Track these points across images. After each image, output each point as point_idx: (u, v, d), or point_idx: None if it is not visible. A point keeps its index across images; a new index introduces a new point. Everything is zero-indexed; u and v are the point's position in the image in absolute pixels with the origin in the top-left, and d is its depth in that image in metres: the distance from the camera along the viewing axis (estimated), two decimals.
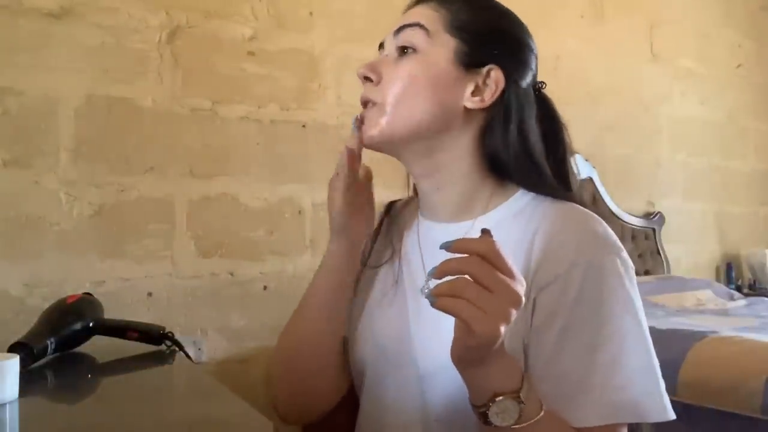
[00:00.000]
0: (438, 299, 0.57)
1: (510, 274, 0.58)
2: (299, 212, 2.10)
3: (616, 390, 0.66)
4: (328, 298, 0.83)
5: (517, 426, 0.63)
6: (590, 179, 2.92)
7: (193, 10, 1.95)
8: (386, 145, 0.79)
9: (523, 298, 0.59)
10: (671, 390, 1.76)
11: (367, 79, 0.78)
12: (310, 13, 2.17)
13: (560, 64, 2.90)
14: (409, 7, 0.82)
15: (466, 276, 0.57)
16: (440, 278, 0.58)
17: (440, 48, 0.76)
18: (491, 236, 0.60)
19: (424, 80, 0.75)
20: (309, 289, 0.85)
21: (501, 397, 0.62)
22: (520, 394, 0.62)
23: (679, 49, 3.46)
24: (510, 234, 0.74)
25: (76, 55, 1.76)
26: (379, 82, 0.77)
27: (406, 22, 0.77)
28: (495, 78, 0.77)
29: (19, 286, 1.64)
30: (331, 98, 2.18)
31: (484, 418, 0.63)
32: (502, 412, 0.62)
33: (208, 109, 1.96)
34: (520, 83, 0.79)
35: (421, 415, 0.76)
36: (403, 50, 0.77)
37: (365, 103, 0.78)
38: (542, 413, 0.64)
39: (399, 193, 0.93)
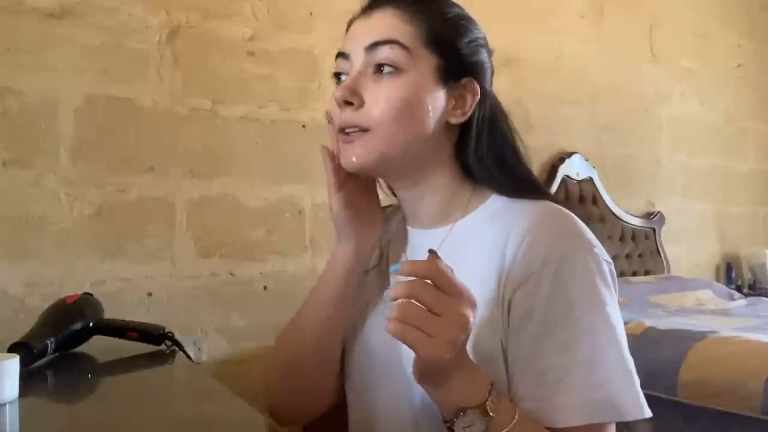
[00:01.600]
0: (390, 323, 0.59)
1: (457, 294, 0.60)
2: (299, 212, 2.10)
3: (595, 388, 0.66)
4: (331, 307, 0.81)
5: None
6: (590, 179, 2.92)
7: (193, 10, 1.95)
8: (375, 171, 0.79)
9: (471, 318, 0.60)
10: (671, 390, 1.78)
11: (347, 103, 0.74)
12: (310, 13, 2.17)
13: (560, 64, 2.90)
14: (366, 10, 0.78)
15: (413, 301, 0.59)
16: (394, 301, 0.60)
17: (421, 66, 0.74)
18: (438, 257, 0.61)
19: (411, 103, 0.73)
20: (312, 296, 0.83)
21: (466, 411, 0.62)
22: (486, 406, 0.62)
23: (679, 49, 3.46)
24: (486, 236, 0.75)
25: (76, 55, 1.76)
26: (361, 106, 0.74)
27: (379, 38, 0.73)
28: (472, 89, 0.77)
29: (19, 286, 1.64)
30: (331, 98, 2.17)
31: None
32: (468, 426, 0.63)
33: (208, 109, 1.96)
34: (490, 88, 0.79)
35: (411, 421, 0.76)
36: (380, 68, 0.73)
37: (350, 128, 0.75)
38: (515, 421, 0.64)
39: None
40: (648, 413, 0.68)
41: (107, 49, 1.80)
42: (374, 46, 0.74)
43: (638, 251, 3.09)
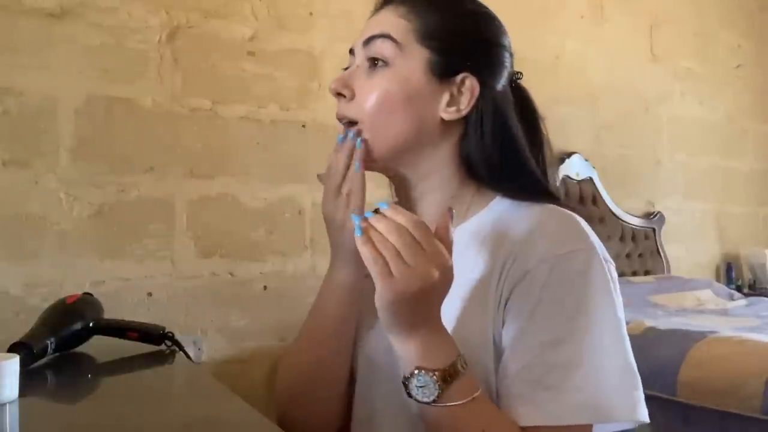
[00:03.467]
0: (361, 239, 0.61)
1: (432, 252, 0.61)
2: (299, 212, 2.10)
3: (571, 391, 0.64)
4: (333, 331, 0.78)
5: (439, 405, 0.63)
6: (590, 179, 2.92)
7: (193, 10, 1.95)
8: (371, 165, 0.77)
9: (436, 278, 0.60)
10: (671, 390, 1.78)
11: (339, 94, 0.76)
12: (310, 13, 2.17)
13: (560, 64, 2.90)
14: (377, 9, 0.79)
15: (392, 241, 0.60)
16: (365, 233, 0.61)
17: (412, 60, 0.74)
18: (451, 216, 0.64)
19: (398, 96, 0.73)
20: (313, 319, 0.80)
21: (422, 372, 0.63)
22: (446, 373, 0.62)
23: (679, 49, 3.46)
24: (487, 240, 0.74)
25: (76, 55, 1.76)
26: (352, 98, 0.75)
27: (374, 33, 0.75)
28: (469, 86, 0.75)
29: (19, 286, 1.64)
30: (331, 98, 2.14)
31: (407, 390, 0.64)
32: (422, 387, 0.63)
33: (208, 109, 1.96)
34: (495, 86, 0.77)
35: (410, 425, 0.74)
36: (374, 62, 0.75)
37: (342, 119, 0.77)
38: (471, 398, 0.63)
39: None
40: (644, 418, 0.66)
41: (107, 49, 1.80)
42: (369, 40, 0.75)
43: (638, 251, 3.09)
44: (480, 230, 0.76)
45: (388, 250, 0.60)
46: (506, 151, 0.76)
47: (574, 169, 2.86)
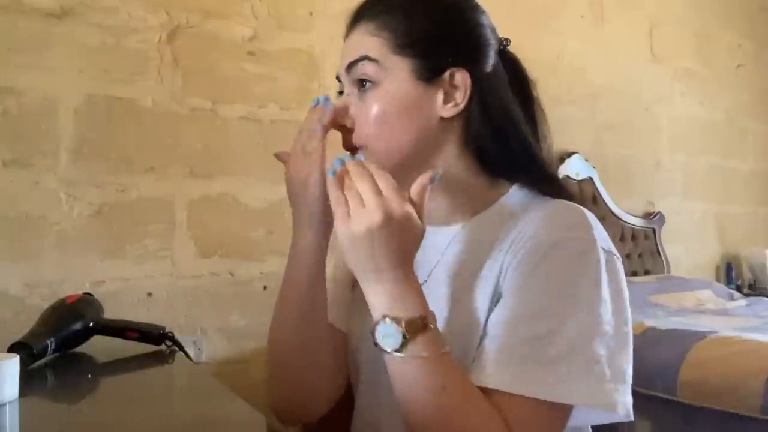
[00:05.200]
0: (334, 181, 0.66)
1: (389, 196, 0.64)
2: None
3: (536, 364, 0.64)
4: (308, 294, 0.78)
5: (401, 355, 0.64)
6: (590, 179, 2.92)
7: (193, 10, 1.95)
8: None
9: (378, 217, 0.63)
10: (671, 390, 1.78)
11: (342, 127, 0.77)
12: (310, 13, 2.17)
13: (560, 65, 2.90)
14: (348, 30, 0.78)
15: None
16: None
17: (396, 73, 0.74)
18: (432, 177, 0.68)
19: (393, 112, 0.74)
20: (285, 292, 0.80)
21: (387, 320, 0.64)
22: (411, 325, 0.63)
23: (679, 49, 3.46)
24: (497, 234, 0.74)
25: (76, 55, 1.76)
26: (353, 126, 0.76)
27: (352, 59, 0.75)
28: (460, 79, 0.75)
29: (19, 286, 1.64)
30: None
31: (374, 340, 0.65)
32: (385, 336, 0.64)
33: (208, 109, 1.96)
34: (484, 69, 0.76)
35: None
36: (362, 83, 0.75)
37: (352, 150, 0.76)
38: (434, 354, 0.64)
39: None
40: (619, 409, 0.64)
41: (107, 49, 1.80)
42: (350, 66, 0.76)
43: (638, 251, 3.09)
44: (491, 224, 0.75)
45: (351, 193, 0.65)
46: (508, 134, 0.76)
47: (574, 169, 2.86)
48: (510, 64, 0.82)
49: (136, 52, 1.84)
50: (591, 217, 0.72)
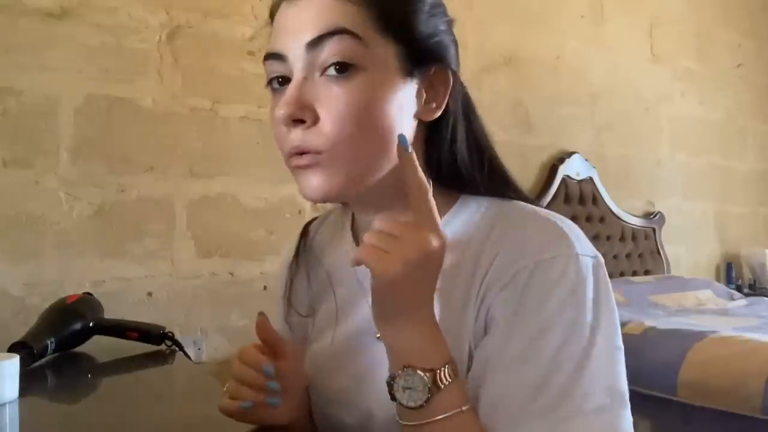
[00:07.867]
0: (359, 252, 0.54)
1: (420, 221, 0.54)
2: (299, 212, 2.09)
3: (532, 416, 0.54)
4: None
5: (422, 421, 0.53)
6: (590, 179, 2.92)
7: (193, 10, 1.95)
8: (339, 200, 0.68)
9: (435, 244, 0.53)
10: (671, 390, 1.78)
11: (298, 120, 0.58)
12: None
13: (560, 64, 2.90)
14: None
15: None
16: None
17: (380, 58, 0.58)
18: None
19: (375, 110, 0.58)
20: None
21: (412, 370, 0.53)
22: (437, 376, 0.53)
23: (679, 49, 3.46)
24: (463, 244, 0.64)
25: (76, 55, 1.76)
26: (314, 123, 0.58)
27: (325, 30, 0.57)
28: (443, 78, 0.63)
29: (19, 286, 1.64)
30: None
31: (391, 391, 0.55)
32: (409, 388, 0.53)
33: (208, 109, 1.96)
34: (457, 69, 0.65)
35: None
36: (342, 67, 0.57)
37: (301, 153, 0.59)
38: (460, 410, 0.54)
39: None
40: None
41: (107, 49, 1.80)
42: (319, 40, 0.57)
43: (638, 251, 3.09)
44: (453, 234, 0.64)
45: (372, 248, 0.53)
46: (482, 144, 0.67)
47: (574, 169, 2.86)
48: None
49: (136, 52, 1.84)
50: (562, 222, 0.62)
